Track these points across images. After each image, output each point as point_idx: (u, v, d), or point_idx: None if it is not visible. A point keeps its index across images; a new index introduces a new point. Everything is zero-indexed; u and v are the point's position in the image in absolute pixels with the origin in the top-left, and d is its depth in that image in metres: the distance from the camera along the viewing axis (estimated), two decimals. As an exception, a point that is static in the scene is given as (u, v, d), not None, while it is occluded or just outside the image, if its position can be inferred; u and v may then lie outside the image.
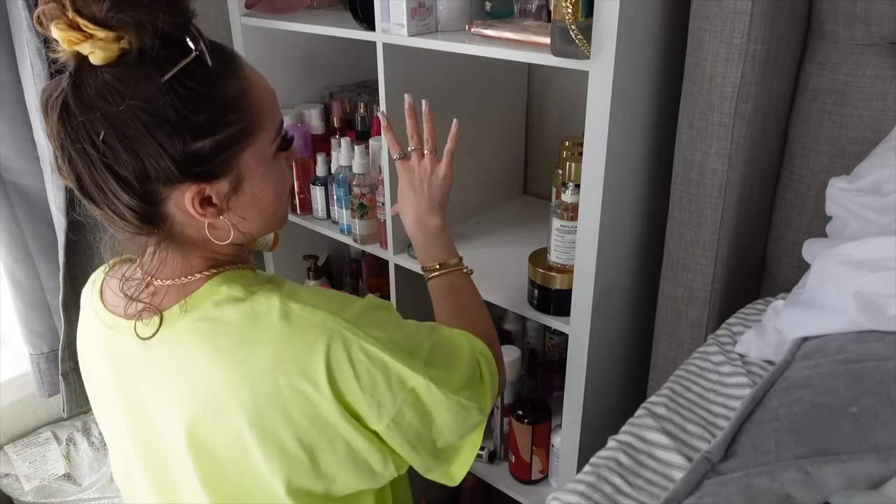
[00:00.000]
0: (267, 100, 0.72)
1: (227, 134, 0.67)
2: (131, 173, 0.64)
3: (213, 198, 0.70)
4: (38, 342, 1.52)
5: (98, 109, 0.62)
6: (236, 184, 0.71)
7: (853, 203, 0.95)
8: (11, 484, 1.54)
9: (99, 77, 0.62)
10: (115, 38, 0.61)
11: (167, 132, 0.64)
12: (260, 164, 0.72)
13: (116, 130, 0.63)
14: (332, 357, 0.70)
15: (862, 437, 0.63)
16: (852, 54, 1.06)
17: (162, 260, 0.73)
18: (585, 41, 0.92)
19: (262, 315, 0.71)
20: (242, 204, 0.73)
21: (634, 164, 1.11)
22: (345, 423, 0.72)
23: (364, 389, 0.72)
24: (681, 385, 0.95)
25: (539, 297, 1.18)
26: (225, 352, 0.71)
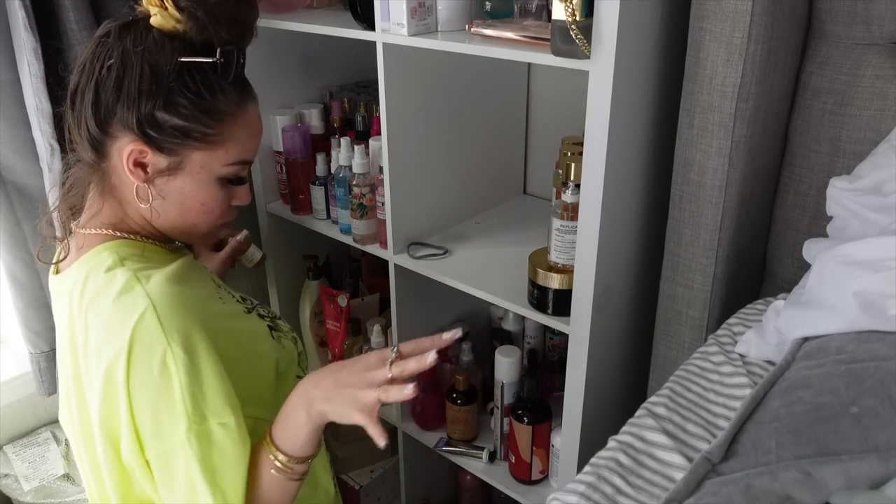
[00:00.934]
0: (245, 138, 0.84)
1: (192, 126, 0.79)
2: (105, 101, 0.78)
3: (149, 166, 0.81)
4: (37, 341, 1.51)
5: (123, 45, 0.77)
6: (174, 169, 0.82)
7: (854, 203, 0.95)
8: (11, 484, 1.54)
9: (146, 32, 0.78)
10: (177, 19, 0.76)
11: (150, 89, 0.77)
12: (203, 170, 0.83)
13: (122, 64, 0.77)
14: (136, 352, 0.76)
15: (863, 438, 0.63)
16: (853, 54, 1.06)
17: (91, 200, 0.86)
18: (585, 41, 0.92)
19: (111, 285, 0.80)
20: (168, 189, 0.83)
21: (634, 164, 1.11)
22: (127, 421, 0.78)
23: (149, 396, 0.78)
24: (681, 385, 0.94)
25: (539, 297, 1.18)
26: (79, 310, 0.81)
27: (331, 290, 1.65)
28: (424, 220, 1.43)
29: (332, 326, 1.67)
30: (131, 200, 0.84)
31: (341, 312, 1.63)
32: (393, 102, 1.25)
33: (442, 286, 1.33)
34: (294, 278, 1.74)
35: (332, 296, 1.63)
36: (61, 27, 1.30)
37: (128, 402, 0.77)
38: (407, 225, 1.39)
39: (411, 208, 1.38)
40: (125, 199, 0.85)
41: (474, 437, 1.53)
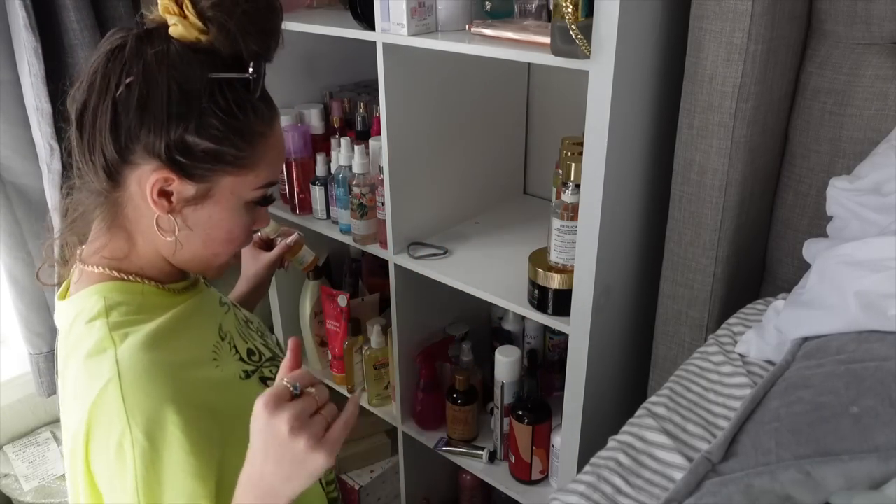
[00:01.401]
0: (275, 158, 0.77)
1: (224, 150, 0.70)
2: (126, 124, 0.68)
3: (174, 195, 0.72)
4: (37, 342, 1.52)
5: (144, 60, 0.67)
6: (202, 196, 0.73)
7: (854, 203, 0.95)
8: (11, 484, 1.54)
9: (166, 43, 0.68)
10: (200, 29, 0.68)
11: (180, 111, 0.67)
12: (232, 196, 0.74)
13: (145, 82, 0.67)
14: (96, 427, 0.68)
15: (863, 438, 0.63)
16: (853, 54, 1.06)
17: (96, 231, 0.77)
18: (585, 41, 0.92)
19: (83, 342, 0.72)
20: (195, 219, 0.74)
21: (634, 164, 1.11)
22: (86, 488, 0.72)
23: (107, 474, 0.69)
24: (681, 385, 0.94)
25: (539, 297, 1.18)
26: (62, 363, 0.75)
27: (331, 290, 1.65)
28: (424, 220, 1.43)
29: (332, 326, 1.67)
30: (146, 233, 0.75)
31: (341, 312, 1.63)
32: (393, 102, 1.25)
33: (442, 286, 1.33)
34: (294, 278, 1.74)
35: (332, 296, 1.63)
36: (62, 27, 1.30)
37: (86, 473, 0.70)
38: (407, 225, 1.39)
39: (411, 208, 1.38)
40: (138, 231, 0.76)
41: (474, 438, 1.53)
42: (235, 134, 0.71)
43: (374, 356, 1.58)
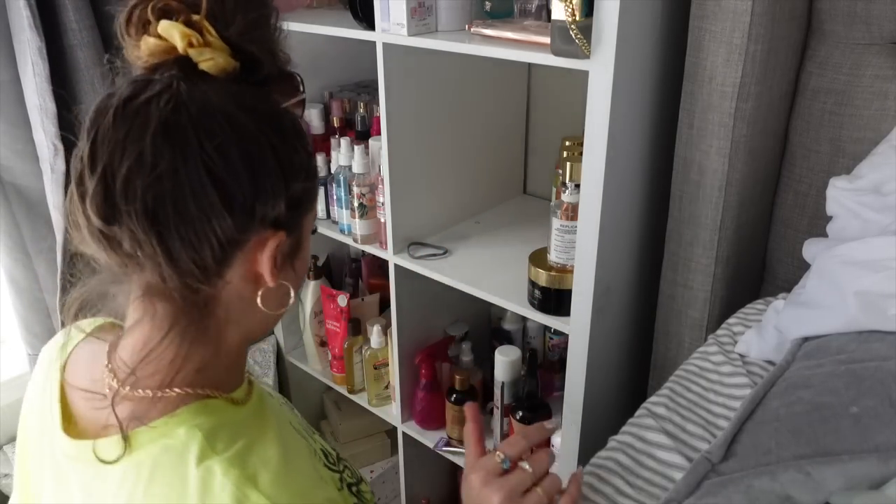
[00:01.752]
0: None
1: (311, 185, 0.58)
2: (241, 195, 0.51)
3: (278, 258, 0.56)
4: (36, 343, 1.52)
5: (219, 110, 0.50)
6: (296, 245, 0.59)
7: (854, 203, 0.95)
8: (11, 484, 1.54)
9: (216, 84, 0.52)
10: (231, 53, 0.53)
11: (289, 162, 0.53)
12: (307, 229, 0.60)
13: (240, 139, 0.51)
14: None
15: (863, 438, 0.63)
16: (853, 54, 1.06)
17: (165, 348, 0.56)
18: (585, 41, 0.92)
19: (211, 492, 0.53)
20: (291, 272, 0.60)
21: (634, 164, 1.11)
22: None
23: None
24: (681, 385, 0.94)
25: (539, 297, 1.18)
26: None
27: (331, 290, 1.65)
28: (424, 220, 1.43)
29: (332, 326, 1.67)
30: (240, 323, 0.59)
31: (341, 312, 1.63)
32: (393, 102, 1.25)
33: (442, 286, 1.33)
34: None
35: (332, 296, 1.63)
36: (61, 27, 1.30)
37: None
38: (407, 225, 1.39)
39: (411, 208, 1.38)
40: (230, 326, 0.59)
41: (474, 437, 1.53)
42: (312, 160, 0.57)
43: (374, 356, 1.58)
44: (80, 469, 0.59)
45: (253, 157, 0.51)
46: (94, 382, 0.60)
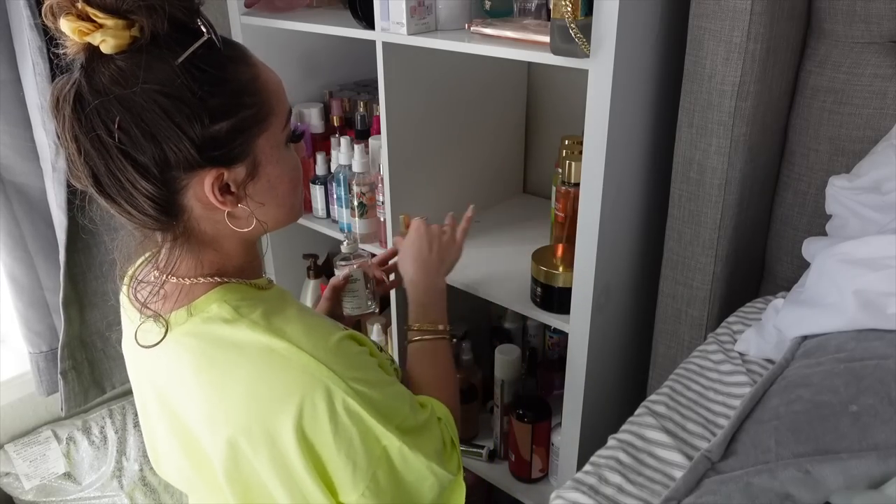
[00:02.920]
0: (276, 87, 0.72)
1: (242, 117, 0.67)
2: (150, 159, 0.63)
3: (231, 185, 0.69)
4: (37, 341, 1.52)
5: (112, 95, 0.61)
6: (252, 169, 0.70)
7: (853, 201, 0.95)
8: (12, 483, 1.54)
9: (111, 65, 0.62)
10: (125, 26, 0.61)
11: (185, 114, 0.63)
12: (274, 150, 0.71)
13: (133, 115, 0.61)
14: (308, 407, 0.68)
15: (862, 436, 0.63)
16: (852, 53, 1.06)
17: (176, 259, 0.71)
18: (585, 40, 0.92)
19: (244, 347, 0.70)
20: (259, 191, 0.71)
21: (634, 163, 1.11)
22: (311, 482, 0.70)
23: (339, 446, 0.70)
24: (681, 384, 0.95)
25: (542, 295, 1.18)
26: (204, 373, 0.71)
27: (331, 289, 1.65)
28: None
29: (332, 325, 1.67)
30: (230, 235, 0.73)
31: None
32: (392, 101, 1.25)
33: (442, 285, 1.33)
34: (294, 277, 1.74)
35: (332, 295, 1.63)
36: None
37: (308, 465, 0.70)
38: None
39: (411, 207, 1.38)
40: (222, 238, 0.74)
41: (474, 436, 1.53)
42: (239, 95, 0.67)
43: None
44: (146, 354, 0.75)
45: (151, 125, 0.62)
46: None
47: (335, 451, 0.70)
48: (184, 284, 0.73)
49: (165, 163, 0.64)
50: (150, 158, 0.63)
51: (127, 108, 0.61)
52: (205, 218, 0.70)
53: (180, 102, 0.62)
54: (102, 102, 0.61)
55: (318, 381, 0.68)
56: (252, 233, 0.73)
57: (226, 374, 0.70)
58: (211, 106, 0.64)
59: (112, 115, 0.61)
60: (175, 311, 0.73)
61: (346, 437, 0.70)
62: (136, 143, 0.62)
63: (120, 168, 0.63)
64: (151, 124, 0.62)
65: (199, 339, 0.71)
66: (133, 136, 0.62)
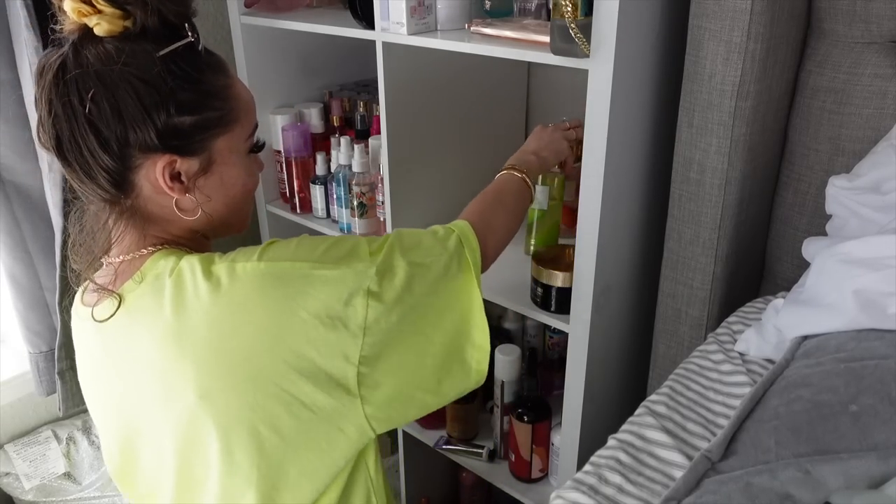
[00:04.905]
0: (247, 101, 0.78)
1: (207, 116, 0.72)
2: (113, 134, 0.68)
3: (182, 175, 0.73)
4: (36, 341, 1.52)
5: (93, 69, 0.67)
6: (207, 165, 0.74)
7: (853, 201, 0.95)
8: (12, 483, 1.54)
9: (100, 46, 0.68)
10: (120, 16, 0.67)
11: (154, 100, 0.68)
12: (232, 154, 0.76)
13: (107, 90, 0.67)
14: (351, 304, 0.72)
15: (862, 436, 0.63)
16: (852, 52, 1.06)
17: (120, 233, 0.75)
18: (585, 40, 0.92)
19: (186, 278, 0.72)
20: (210, 186, 0.76)
21: (634, 163, 1.11)
22: (301, 379, 0.70)
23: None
24: (681, 384, 0.95)
25: (542, 295, 1.18)
26: (160, 328, 0.71)
27: (331, 289, 1.65)
28: (424, 218, 1.43)
29: (332, 325, 1.67)
30: (177, 220, 0.76)
31: (341, 311, 1.63)
32: (392, 101, 1.25)
33: (442, 285, 1.33)
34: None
35: (332, 295, 1.63)
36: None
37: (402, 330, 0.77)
38: (407, 224, 1.39)
39: (411, 207, 1.38)
40: (169, 221, 0.77)
41: (474, 436, 1.53)
42: (208, 97, 0.72)
43: (374, 355, 1.58)
44: (106, 338, 0.77)
45: (121, 103, 0.67)
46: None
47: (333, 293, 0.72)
48: (124, 260, 0.76)
49: (125, 140, 0.69)
50: (113, 133, 0.68)
51: (103, 83, 0.67)
52: (152, 200, 0.74)
53: (153, 89, 0.68)
54: (81, 73, 0.67)
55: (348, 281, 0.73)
56: (196, 223, 0.77)
57: (182, 316, 0.70)
58: (180, 99, 0.70)
59: (88, 86, 0.67)
60: (124, 284, 0.75)
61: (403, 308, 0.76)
62: (103, 117, 0.67)
63: (83, 135, 0.68)
64: (121, 102, 0.67)
65: (153, 291, 0.73)
66: (102, 110, 0.67)
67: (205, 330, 0.70)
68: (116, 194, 0.73)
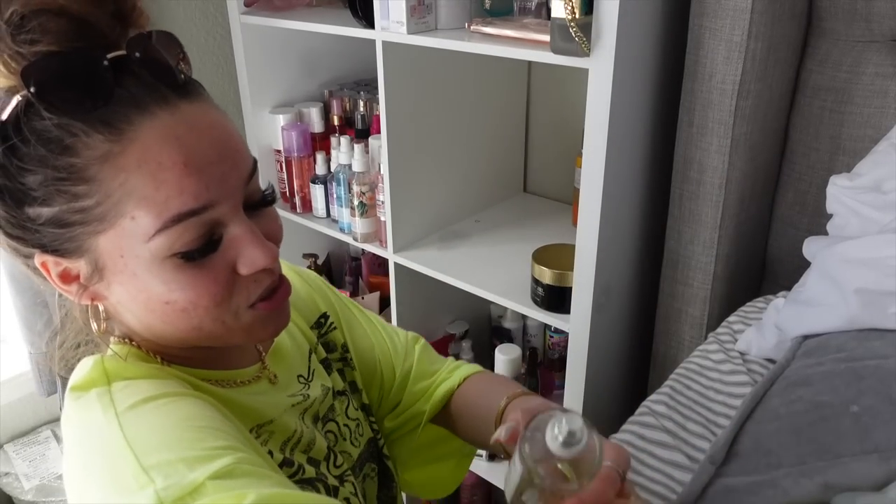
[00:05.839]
0: (154, 176, 0.48)
1: (62, 209, 0.49)
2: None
3: (79, 276, 0.53)
4: (37, 341, 1.51)
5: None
6: (97, 271, 0.52)
7: (854, 201, 0.95)
8: (11, 483, 1.54)
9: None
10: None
11: (1, 186, 0.49)
12: (127, 260, 0.50)
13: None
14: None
15: (863, 437, 0.63)
16: (853, 51, 1.05)
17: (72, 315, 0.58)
18: (585, 39, 0.92)
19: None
20: (121, 297, 0.53)
21: (634, 162, 1.11)
22: None
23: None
24: (681, 383, 0.94)
25: (542, 295, 1.18)
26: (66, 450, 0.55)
27: (331, 289, 1.65)
28: (424, 218, 1.43)
29: (332, 325, 1.67)
30: (117, 318, 0.57)
31: (341, 311, 1.63)
32: (392, 101, 1.25)
33: (442, 284, 1.33)
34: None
35: (332, 294, 1.63)
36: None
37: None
38: (407, 223, 1.39)
39: (411, 207, 1.38)
40: (115, 317, 0.57)
41: (474, 436, 1.53)
42: (57, 179, 0.48)
43: (375, 354, 1.58)
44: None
45: (2, 187, 0.49)
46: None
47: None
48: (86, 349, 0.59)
49: (6, 232, 0.52)
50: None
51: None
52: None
53: (11, 167, 0.48)
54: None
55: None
56: (131, 332, 0.57)
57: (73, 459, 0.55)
58: (24, 184, 0.48)
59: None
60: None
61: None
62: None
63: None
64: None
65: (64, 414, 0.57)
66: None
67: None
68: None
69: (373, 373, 0.80)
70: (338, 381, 0.75)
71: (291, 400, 0.66)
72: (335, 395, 0.73)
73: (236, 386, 0.61)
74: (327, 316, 0.78)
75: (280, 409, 0.64)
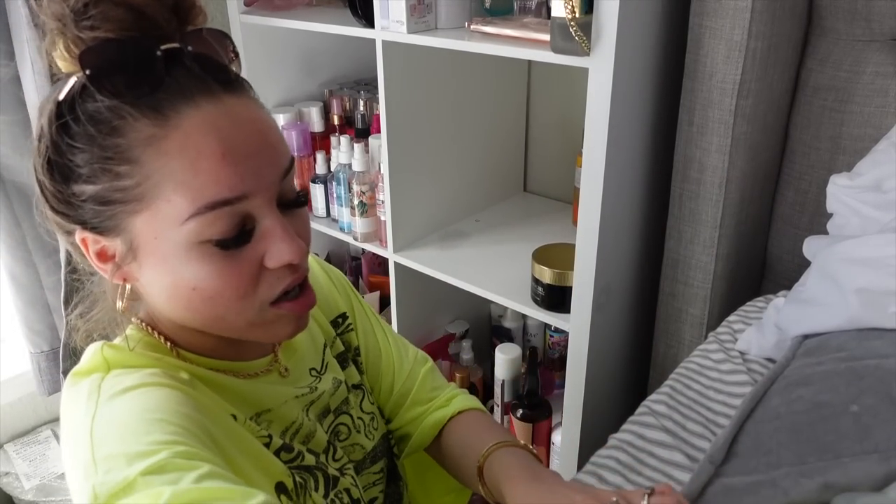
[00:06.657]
0: (193, 163, 0.50)
1: (105, 187, 0.51)
2: (49, 193, 0.55)
3: (114, 255, 0.55)
4: (37, 340, 1.52)
5: (44, 126, 0.53)
6: (131, 250, 0.54)
7: (854, 200, 0.94)
8: (11, 482, 1.54)
9: (70, 93, 0.53)
10: (71, 54, 0.51)
11: (51, 162, 0.52)
12: (159, 242, 0.52)
13: (46, 146, 0.53)
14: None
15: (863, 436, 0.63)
16: (853, 51, 1.05)
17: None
18: (585, 38, 0.92)
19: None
20: (148, 280, 0.56)
21: (634, 162, 1.10)
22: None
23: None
24: (681, 383, 0.94)
25: (542, 294, 1.18)
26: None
27: (331, 288, 1.65)
28: (424, 218, 1.43)
29: (332, 324, 1.67)
30: (142, 298, 0.59)
31: (341, 310, 1.63)
32: (392, 100, 1.25)
33: (442, 284, 1.33)
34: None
35: (333, 294, 1.63)
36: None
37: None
38: (407, 223, 1.39)
39: (411, 206, 1.38)
40: (142, 296, 0.59)
41: (475, 435, 1.53)
42: (104, 159, 0.50)
43: (375, 354, 1.58)
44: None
45: (52, 162, 0.52)
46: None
47: None
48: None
49: (57, 205, 0.54)
50: (50, 193, 0.54)
51: (46, 142, 0.53)
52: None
53: (52, 147, 0.53)
54: (42, 129, 0.54)
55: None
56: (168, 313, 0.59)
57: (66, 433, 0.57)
58: (73, 162, 0.52)
59: (42, 143, 0.54)
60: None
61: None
62: (45, 174, 0.54)
63: (40, 189, 0.55)
64: (54, 162, 0.53)
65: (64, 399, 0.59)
66: (46, 168, 0.54)
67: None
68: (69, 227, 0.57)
69: (374, 382, 0.82)
70: (354, 374, 0.77)
71: (296, 392, 0.67)
72: (350, 389, 0.74)
73: (245, 377, 0.63)
74: (346, 316, 0.79)
75: (280, 400, 0.65)
